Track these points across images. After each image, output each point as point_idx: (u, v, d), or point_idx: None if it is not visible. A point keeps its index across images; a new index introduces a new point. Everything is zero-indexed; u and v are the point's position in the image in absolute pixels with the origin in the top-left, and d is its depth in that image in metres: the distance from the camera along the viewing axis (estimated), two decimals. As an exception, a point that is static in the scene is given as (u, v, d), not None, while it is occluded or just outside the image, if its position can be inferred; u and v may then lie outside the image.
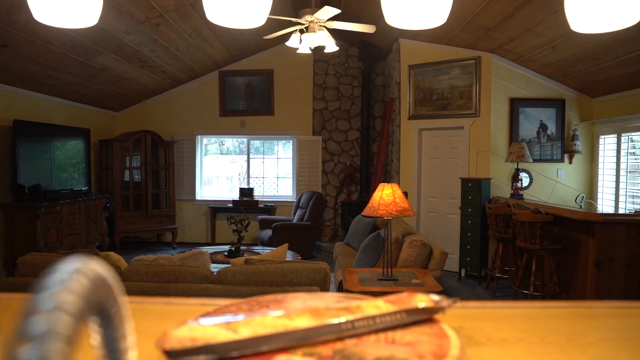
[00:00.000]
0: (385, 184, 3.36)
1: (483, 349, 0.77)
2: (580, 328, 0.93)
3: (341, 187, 8.45)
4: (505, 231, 5.27)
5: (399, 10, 0.71)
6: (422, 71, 6.59)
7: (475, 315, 0.98)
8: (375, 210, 3.22)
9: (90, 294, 0.28)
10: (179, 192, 8.42)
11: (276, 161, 8.81)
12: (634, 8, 0.65)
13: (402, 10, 0.71)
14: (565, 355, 0.76)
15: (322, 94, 8.35)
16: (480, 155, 6.19)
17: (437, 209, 6.67)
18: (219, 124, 8.43)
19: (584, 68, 5.42)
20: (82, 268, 0.29)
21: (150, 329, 0.81)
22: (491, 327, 0.90)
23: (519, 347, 0.80)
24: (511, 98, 6.14)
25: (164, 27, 5.51)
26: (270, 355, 0.68)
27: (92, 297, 0.28)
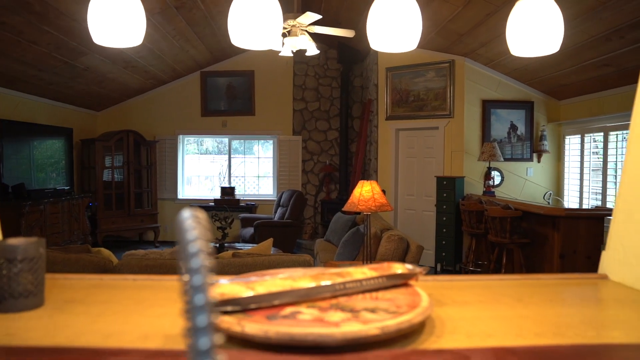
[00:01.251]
0: (365, 181, 3.58)
1: (448, 308, 0.99)
2: (528, 293, 1.17)
3: (321, 185, 8.65)
4: (478, 227, 5.56)
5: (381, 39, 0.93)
6: (399, 73, 6.85)
7: (443, 286, 1.21)
8: (355, 206, 3.44)
9: (202, 226, 0.48)
10: (161, 192, 8.51)
11: (257, 161, 8.97)
12: (553, 41, 0.87)
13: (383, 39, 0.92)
14: (513, 311, 0.99)
15: (302, 95, 8.55)
16: (455, 154, 6.47)
17: (414, 207, 6.94)
18: (200, 123, 8.55)
19: (549, 73, 5.74)
20: (193, 213, 0.49)
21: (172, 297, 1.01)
22: (456, 293, 1.13)
23: (477, 306, 1.02)
24: (483, 100, 6.45)
25: (149, 28, 5.62)
26: (281, 308, 0.89)
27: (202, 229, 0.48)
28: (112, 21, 0.88)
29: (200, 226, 0.47)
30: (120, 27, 0.89)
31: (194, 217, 0.48)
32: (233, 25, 0.87)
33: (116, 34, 0.90)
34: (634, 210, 1.27)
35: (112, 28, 0.89)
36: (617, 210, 1.37)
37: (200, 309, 0.43)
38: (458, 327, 0.87)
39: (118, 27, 0.89)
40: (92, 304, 0.99)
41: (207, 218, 0.50)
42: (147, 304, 1.01)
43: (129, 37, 0.91)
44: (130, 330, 0.84)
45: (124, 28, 0.90)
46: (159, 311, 0.96)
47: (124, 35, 0.90)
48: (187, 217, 0.48)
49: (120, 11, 0.90)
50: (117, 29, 0.89)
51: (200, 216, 0.49)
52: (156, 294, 1.10)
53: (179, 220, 0.48)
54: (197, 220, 0.48)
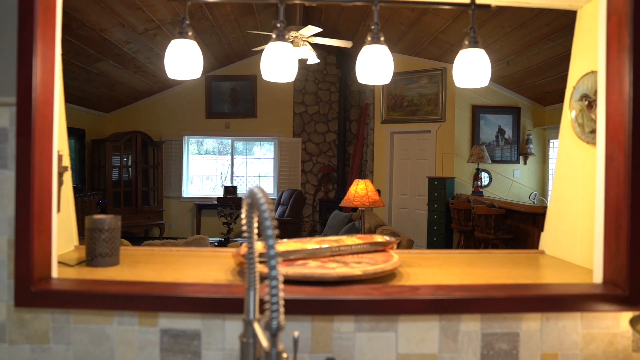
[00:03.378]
0: (360, 180, 3.97)
1: (415, 269, 1.39)
2: (478, 261, 1.56)
3: (319, 185, 9.05)
4: (466, 224, 5.96)
5: (365, 75, 1.32)
6: (394, 80, 7.22)
7: (415, 256, 1.60)
8: (350, 202, 3.83)
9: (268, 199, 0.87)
10: (167, 190, 8.89)
11: (258, 161, 9.35)
12: (483, 78, 1.27)
13: (367, 75, 1.32)
14: (462, 270, 1.38)
15: (302, 99, 8.94)
16: (446, 156, 6.87)
17: (407, 205, 7.33)
18: (205, 125, 8.93)
19: (534, 81, 6.15)
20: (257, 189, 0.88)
21: (207, 262, 1.42)
22: (423, 261, 1.53)
23: (436, 268, 1.42)
24: (473, 105, 6.85)
25: (160, 37, 6.02)
26: (295, 260, 1.29)
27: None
28: (182, 62, 1.28)
29: (266, 198, 0.86)
30: (187, 66, 1.29)
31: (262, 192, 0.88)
32: (265, 67, 1.26)
33: (183, 71, 1.29)
34: (561, 203, 1.67)
35: (181, 67, 1.28)
36: (551, 202, 1.77)
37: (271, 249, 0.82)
38: (418, 277, 1.27)
39: (185, 66, 1.29)
40: (154, 264, 1.39)
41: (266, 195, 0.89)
42: (193, 265, 1.41)
43: (192, 72, 1.29)
44: (188, 277, 1.23)
45: (189, 66, 1.29)
46: (204, 268, 1.36)
47: (189, 71, 1.29)
48: (259, 192, 0.88)
49: (186, 55, 1.29)
50: (184, 67, 1.28)
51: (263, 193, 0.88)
52: (196, 259, 1.50)
53: (252, 193, 0.87)
54: (263, 194, 0.87)
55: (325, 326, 1.10)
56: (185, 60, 1.27)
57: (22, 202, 1.06)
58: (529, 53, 5.44)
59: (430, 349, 1.12)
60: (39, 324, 1.09)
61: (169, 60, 1.28)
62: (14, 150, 1.08)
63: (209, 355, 1.09)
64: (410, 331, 1.11)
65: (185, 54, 1.27)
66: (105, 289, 1.09)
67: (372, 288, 1.13)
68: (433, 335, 1.12)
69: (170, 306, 1.07)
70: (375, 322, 1.11)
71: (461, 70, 1.32)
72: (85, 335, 1.09)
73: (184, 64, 1.27)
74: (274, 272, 0.80)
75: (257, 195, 0.85)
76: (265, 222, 0.82)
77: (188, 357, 1.09)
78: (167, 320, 1.09)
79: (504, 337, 1.13)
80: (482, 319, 1.13)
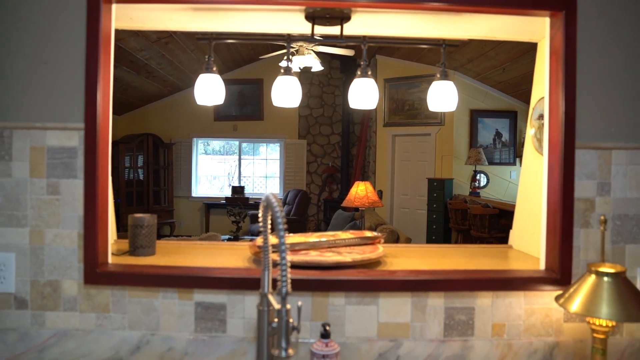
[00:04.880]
0: (360, 181, 4.28)
1: (398, 259, 1.69)
2: (453, 253, 1.87)
3: (324, 185, 9.36)
4: (463, 223, 6.25)
5: (355, 102, 1.64)
6: (396, 84, 7.54)
7: (401, 249, 1.91)
8: (351, 202, 4.14)
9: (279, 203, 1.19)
10: (177, 190, 9.23)
11: (264, 162, 9.68)
12: (451, 104, 1.59)
13: (356, 102, 1.64)
14: (437, 260, 1.69)
15: (307, 102, 9.26)
16: (445, 158, 7.17)
17: (408, 205, 7.63)
18: (213, 127, 9.27)
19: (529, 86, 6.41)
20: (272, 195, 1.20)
21: (227, 253, 1.76)
22: (406, 253, 1.83)
23: (415, 258, 1.73)
24: (471, 109, 7.13)
25: (171, 45, 6.35)
26: (299, 250, 1.60)
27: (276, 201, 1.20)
28: (208, 92, 1.60)
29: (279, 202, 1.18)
30: (212, 95, 1.61)
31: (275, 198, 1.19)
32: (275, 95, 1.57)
33: (210, 99, 1.61)
34: (524, 205, 1.98)
35: (208, 96, 1.60)
36: (517, 204, 2.08)
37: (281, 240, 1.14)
38: (399, 265, 1.58)
39: (211, 95, 1.61)
40: (184, 254, 1.70)
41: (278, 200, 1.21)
42: (215, 255, 1.72)
43: (217, 99, 1.62)
44: (214, 263, 1.55)
45: (214, 95, 1.61)
46: (225, 257, 1.68)
47: (214, 99, 1.61)
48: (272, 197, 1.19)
49: (212, 86, 1.61)
50: (211, 96, 1.60)
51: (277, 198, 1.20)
52: (217, 250, 1.82)
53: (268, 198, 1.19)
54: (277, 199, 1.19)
55: (322, 300, 1.42)
56: (211, 91, 1.59)
57: (89, 204, 1.39)
58: (524, 60, 5.72)
59: (404, 319, 1.43)
60: (102, 298, 1.41)
61: (199, 90, 1.60)
62: (82, 164, 1.40)
63: (232, 322, 1.41)
64: (388, 305, 1.43)
65: (211, 86, 1.59)
66: (152, 271, 1.41)
67: (359, 272, 1.45)
68: (406, 308, 1.43)
69: (202, 284, 1.39)
70: (361, 298, 1.43)
71: (434, 97, 1.63)
72: (137, 306, 1.42)
73: (210, 93, 1.59)
74: (283, 257, 1.12)
75: (272, 200, 1.16)
76: (277, 220, 1.14)
77: (216, 324, 1.41)
78: (200, 295, 1.41)
79: (463, 310, 1.45)
80: (445, 296, 1.44)
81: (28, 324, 1.41)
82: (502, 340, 1.45)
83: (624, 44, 1.46)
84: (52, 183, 1.41)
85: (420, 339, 1.44)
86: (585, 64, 1.46)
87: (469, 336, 1.45)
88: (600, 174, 1.47)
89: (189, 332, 1.42)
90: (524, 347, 1.45)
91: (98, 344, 1.41)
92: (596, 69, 1.46)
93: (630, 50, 1.47)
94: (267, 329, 1.25)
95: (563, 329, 1.47)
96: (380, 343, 1.42)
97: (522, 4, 1.45)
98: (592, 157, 1.47)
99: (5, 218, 1.40)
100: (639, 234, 1.48)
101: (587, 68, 1.46)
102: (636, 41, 1.47)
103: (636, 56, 1.47)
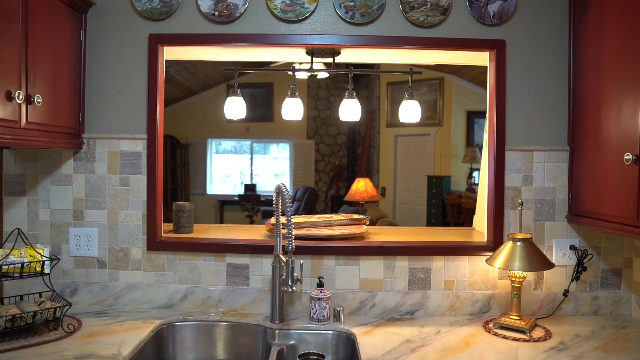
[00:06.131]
0: (360, 178, 4.81)
1: (378, 235, 2.22)
2: (424, 232, 2.38)
3: (331, 183, 9.89)
4: (459, 217, 6.75)
5: (344, 116, 2.17)
6: (398, 87, 8.04)
7: (383, 230, 2.43)
8: (352, 196, 4.67)
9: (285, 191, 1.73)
10: (193, 188, 9.81)
11: (274, 161, 10.23)
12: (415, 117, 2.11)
13: (345, 116, 2.17)
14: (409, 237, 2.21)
15: (315, 104, 9.79)
16: (443, 157, 7.66)
17: (410, 201, 8.13)
18: (226, 129, 9.82)
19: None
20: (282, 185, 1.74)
21: (249, 231, 2.32)
22: (386, 232, 2.36)
23: (392, 236, 2.26)
24: (468, 111, 7.61)
25: (189, 54, 6.91)
26: (302, 227, 2.14)
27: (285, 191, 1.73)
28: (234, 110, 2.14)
29: (287, 191, 1.71)
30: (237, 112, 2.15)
31: (285, 187, 1.73)
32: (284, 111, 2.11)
33: (235, 114, 2.15)
34: (482, 194, 2.48)
35: (234, 113, 2.15)
36: (479, 194, 2.58)
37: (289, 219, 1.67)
38: (377, 239, 2.11)
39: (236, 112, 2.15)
40: (215, 232, 2.24)
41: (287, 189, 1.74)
42: (239, 233, 2.26)
43: (240, 115, 2.16)
44: (239, 236, 2.08)
45: (238, 112, 2.15)
46: (246, 234, 2.21)
47: (239, 115, 2.16)
48: (283, 186, 1.73)
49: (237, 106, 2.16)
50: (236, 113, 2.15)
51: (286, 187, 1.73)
52: (239, 230, 2.35)
53: (279, 187, 1.72)
54: (286, 189, 1.72)
55: (318, 262, 1.95)
56: (237, 109, 2.14)
57: (150, 193, 1.93)
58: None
59: (378, 276, 1.96)
60: (159, 260, 1.96)
61: (228, 109, 2.15)
62: (145, 164, 1.95)
63: (254, 278, 1.95)
64: (367, 266, 1.96)
65: (236, 106, 2.14)
66: (196, 241, 1.95)
67: (345, 242, 1.98)
68: (380, 268, 1.96)
69: (232, 250, 1.93)
70: (347, 260, 1.96)
71: (403, 112, 2.16)
72: (185, 266, 1.96)
73: (236, 111, 2.14)
74: (290, 230, 1.66)
75: (282, 188, 1.70)
76: (286, 203, 1.67)
77: (242, 279, 1.95)
78: (230, 258, 1.95)
79: (422, 270, 1.97)
80: (409, 259, 1.97)
81: (107, 279, 1.96)
82: (451, 292, 1.98)
83: (542, 71, 1.97)
84: (124, 177, 1.96)
85: (391, 290, 1.97)
86: (512, 88, 1.97)
87: (427, 289, 1.98)
88: (524, 169, 1.98)
89: (222, 285, 1.96)
90: (468, 298, 1.97)
91: (157, 294, 1.95)
92: (521, 91, 1.98)
93: (546, 76, 1.98)
94: (279, 279, 1.80)
95: (497, 284, 1.99)
96: (361, 293, 1.95)
97: (467, 45, 1.97)
98: (518, 157, 1.98)
99: (91, 203, 1.96)
100: (554, 214, 1.99)
101: (514, 90, 1.97)
102: (550, 70, 1.98)
103: (550, 82, 1.98)
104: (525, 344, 1.67)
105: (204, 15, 1.94)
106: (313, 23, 1.95)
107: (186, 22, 1.95)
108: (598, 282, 2.00)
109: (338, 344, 1.80)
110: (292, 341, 1.80)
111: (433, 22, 1.94)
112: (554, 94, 1.98)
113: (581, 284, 2.00)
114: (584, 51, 1.86)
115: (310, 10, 1.92)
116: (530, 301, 1.97)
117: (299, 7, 1.91)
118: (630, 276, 2.00)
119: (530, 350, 1.61)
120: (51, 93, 1.69)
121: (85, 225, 1.96)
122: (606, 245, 2.00)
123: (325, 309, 1.82)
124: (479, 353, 1.59)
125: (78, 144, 1.93)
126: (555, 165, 1.98)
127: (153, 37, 1.93)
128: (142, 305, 1.95)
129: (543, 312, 1.98)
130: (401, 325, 1.83)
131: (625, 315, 1.99)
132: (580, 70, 1.89)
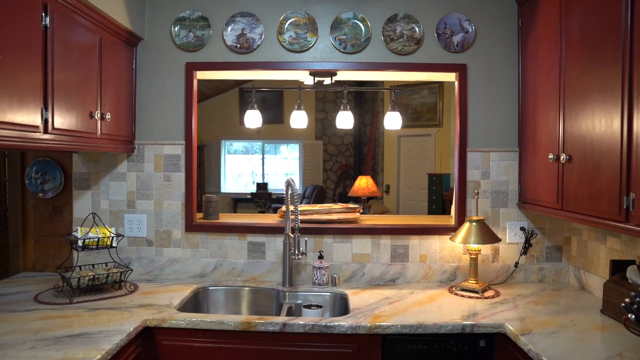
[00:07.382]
0: (362, 176, 5.32)
1: (369, 220, 2.74)
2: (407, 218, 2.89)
3: (338, 181, 10.41)
4: (457, 212, 7.23)
5: (340, 123, 2.70)
6: (400, 91, 8.52)
7: (375, 218, 2.95)
8: (355, 192, 5.18)
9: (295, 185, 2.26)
10: (207, 186, 10.38)
11: (285, 161, 10.77)
12: (397, 124, 2.64)
13: (341, 123, 2.70)
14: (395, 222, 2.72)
15: (322, 106, 10.31)
16: (443, 156, 8.14)
17: (412, 198, 8.62)
18: (239, 131, 10.39)
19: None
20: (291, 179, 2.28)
21: (266, 216, 2.86)
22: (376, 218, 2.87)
23: (380, 220, 2.77)
24: (466, 112, 8.07)
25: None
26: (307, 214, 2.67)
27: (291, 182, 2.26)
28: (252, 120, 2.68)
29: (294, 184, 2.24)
30: (254, 121, 2.69)
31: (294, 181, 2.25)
32: (292, 121, 2.64)
33: (251, 122, 2.69)
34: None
35: (252, 122, 2.68)
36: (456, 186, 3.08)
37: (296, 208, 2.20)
38: (367, 223, 2.63)
39: (254, 121, 2.68)
40: (237, 219, 2.77)
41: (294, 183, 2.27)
42: (256, 219, 2.79)
43: (256, 123, 2.70)
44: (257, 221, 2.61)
45: (256, 121, 2.69)
46: (262, 220, 2.74)
47: (254, 122, 2.69)
48: (292, 181, 2.26)
49: (254, 117, 2.69)
50: (254, 123, 2.68)
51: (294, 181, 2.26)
52: (257, 217, 2.88)
53: (289, 181, 2.26)
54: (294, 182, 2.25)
55: (319, 240, 2.48)
56: (255, 120, 2.68)
57: (188, 186, 2.47)
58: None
59: (367, 251, 2.48)
60: (195, 239, 2.50)
61: (247, 120, 2.69)
62: (183, 164, 2.49)
63: (269, 252, 2.48)
64: (358, 243, 2.48)
65: (253, 117, 2.68)
66: (223, 224, 2.49)
67: (341, 225, 2.50)
68: (368, 245, 2.48)
69: (251, 231, 2.46)
70: (342, 238, 2.48)
71: (388, 121, 2.68)
72: (215, 244, 2.50)
73: (254, 121, 2.67)
74: (297, 215, 2.18)
75: (291, 182, 2.23)
76: (294, 194, 2.20)
77: (259, 254, 2.48)
78: (250, 237, 2.49)
79: (401, 247, 2.49)
80: (391, 238, 2.48)
81: (153, 254, 2.51)
82: (425, 264, 2.49)
83: (496, 87, 2.48)
84: (167, 175, 2.50)
85: (377, 263, 2.49)
86: (473, 101, 2.48)
87: (406, 262, 2.49)
88: (483, 166, 2.49)
89: (244, 259, 2.50)
90: (438, 268, 2.49)
91: (193, 266, 2.50)
92: (480, 103, 2.48)
93: (500, 91, 2.48)
94: (288, 252, 2.32)
95: (462, 258, 2.50)
96: (353, 265, 2.48)
97: (437, 69, 2.49)
98: (478, 156, 2.49)
99: (141, 195, 2.50)
100: (507, 201, 2.49)
101: (474, 103, 2.48)
102: (504, 86, 2.48)
103: (504, 95, 2.48)
104: (477, 300, 2.18)
105: (229, 47, 2.47)
106: (314, 52, 2.48)
107: (215, 53, 2.48)
108: (543, 256, 2.50)
109: (334, 302, 2.33)
110: (299, 300, 2.32)
111: (409, 50, 2.46)
112: (507, 105, 2.49)
113: (530, 257, 2.50)
114: (527, 70, 2.36)
115: (312, 42, 2.45)
116: (488, 271, 2.48)
117: (302, 40, 2.44)
118: (570, 251, 2.50)
119: (478, 303, 2.13)
120: (115, 110, 2.23)
121: (136, 212, 2.51)
122: (550, 227, 2.50)
123: (324, 275, 2.35)
124: (439, 304, 2.10)
125: (132, 149, 2.48)
126: (508, 163, 2.49)
127: (189, 65, 2.47)
128: (182, 275, 2.50)
129: (499, 280, 2.48)
130: (384, 289, 2.35)
131: (564, 282, 2.49)
132: (525, 86, 2.39)
